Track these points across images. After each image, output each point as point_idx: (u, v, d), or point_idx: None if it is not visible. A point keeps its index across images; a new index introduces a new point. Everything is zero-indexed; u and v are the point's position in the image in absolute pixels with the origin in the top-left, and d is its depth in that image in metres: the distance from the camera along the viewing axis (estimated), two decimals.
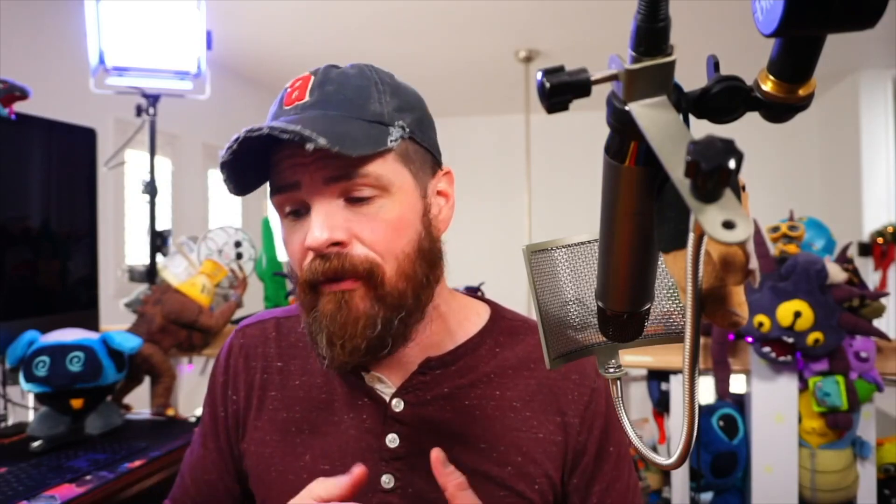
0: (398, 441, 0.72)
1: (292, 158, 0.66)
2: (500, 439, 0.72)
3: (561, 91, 0.34)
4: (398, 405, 0.73)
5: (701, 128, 0.35)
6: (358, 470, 0.61)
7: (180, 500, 0.84)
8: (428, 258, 0.70)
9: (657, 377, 1.70)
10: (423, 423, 0.72)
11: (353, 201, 0.66)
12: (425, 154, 0.72)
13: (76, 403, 1.35)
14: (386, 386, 0.74)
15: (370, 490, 0.71)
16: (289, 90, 0.70)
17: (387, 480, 0.71)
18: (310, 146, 0.59)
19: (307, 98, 0.68)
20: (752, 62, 0.45)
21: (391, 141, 0.67)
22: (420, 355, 0.74)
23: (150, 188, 1.90)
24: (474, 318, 0.79)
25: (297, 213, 0.68)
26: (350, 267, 0.65)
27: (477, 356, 0.75)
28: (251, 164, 0.68)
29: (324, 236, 0.64)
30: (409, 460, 0.71)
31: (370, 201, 0.66)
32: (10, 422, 1.52)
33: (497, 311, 0.80)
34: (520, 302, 4.00)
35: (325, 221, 0.65)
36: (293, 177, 0.66)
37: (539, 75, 0.35)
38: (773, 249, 1.61)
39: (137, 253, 3.45)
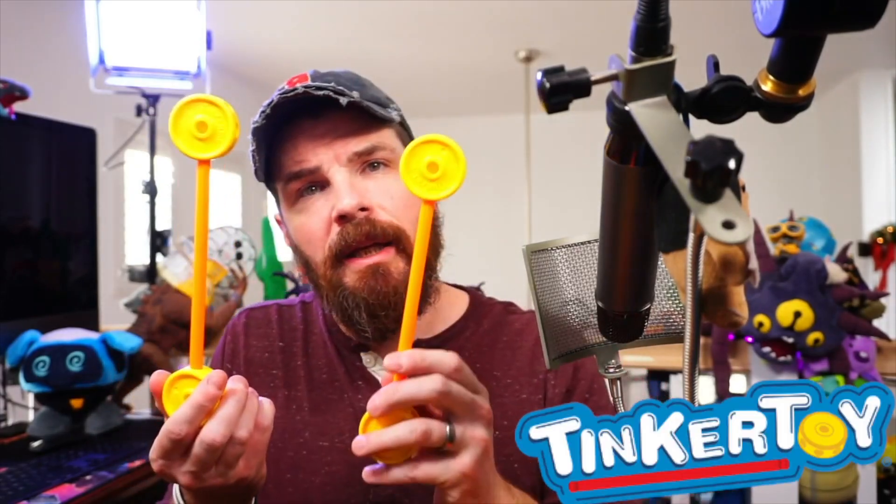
0: None
1: (311, 140, 0.70)
2: None
3: (561, 91, 0.34)
4: None
5: (701, 128, 0.35)
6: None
7: None
8: (434, 227, 0.75)
9: (657, 377, 1.70)
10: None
11: (371, 169, 0.72)
12: (412, 140, 0.77)
13: (76, 403, 1.35)
14: (381, 367, 0.77)
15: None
16: (286, 85, 0.71)
17: None
18: (343, 100, 0.67)
19: (311, 83, 0.70)
20: (752, 62, 0.45)
21: (394, 115, 0.73)
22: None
23: (150, 188, 1.90)
24: (457, 304, 0.83)
25: (311, 189, 0.72)
26: (381, 231, 0.69)
27: (462, 338, 0.79)
28: (263, 145, 0.72)
29: (354, 200, 0.68)
30: None
31: (385, 172, 0.72)
32: (10, 422, 1.52)
33: (475, 298, 0.84)
34: (520, 302, 3.98)
35: (352, 189, 0.69)
36: (314, 160, 0.70)
37: (539, 75, 0.35)
38: (773, 249, 1.61)
39: (137, 253, 3.45)
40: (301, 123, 0.71)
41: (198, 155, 0.54)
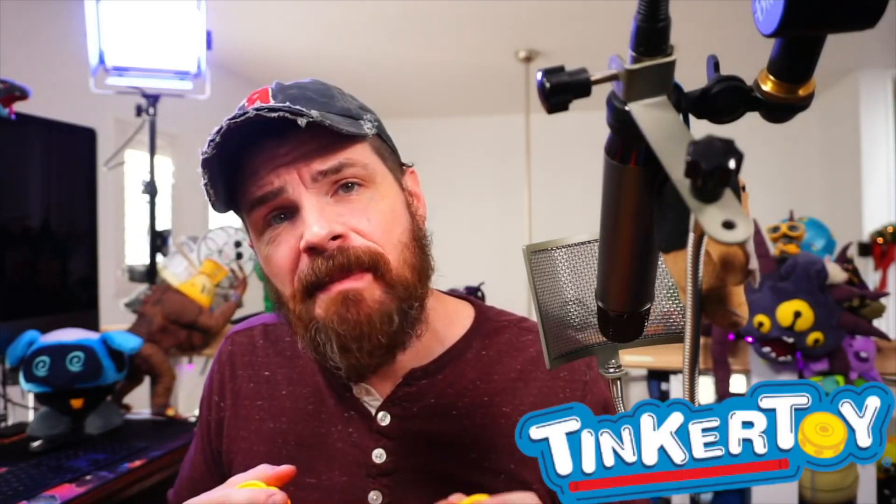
0: (385, 456, 0.69)
1: (273, 161, 0.63)
2: (492, 447, 0.68)
3: (561, 91, 0.34)
4: (384, 419, 0.70)
5: (701, 128, 0.35)
6: (285, 468, 0.58)
7: (178, 493, 0.85)
8: (422, 248, 0.68)
9: (657, 377, 1.70)
10: (411, 437, 0.69)
11: (344, 191, 0.64)
12: (392, 152, 0.71)
13: (76, 403, 1.35)
14: (373, 398, 0.71)
15: None
16: (246, 102, 0.66)
17: (374, 497, 0.68)
18: (302, 121, 0.58)
19: (272, 102, 0.63)
20: (752, 62, 0.45)
21: (367, 129, 0.66)
22: (408, 363, 0.71)
23: (150, 188, 1.90)
24: (459, 320, 0.75)
25: (279, 217, 0.65)
26: (355, 259, 0.62)
27: (463, 361, 0.72)
28: (222, 174, 0.64)
29: (323, 231, 0.61)
30: (396, 476, 0.68)
31: (359, 192, 0.64)
32: (10, 422, 1.52)
33: (481, 312, 0.77)
34: (520, 302, 4.00)
35: (321, 216, 0.62)
36: (277, 182, 0.63)
37: (539, 75, 0.35)
38: (773, 249, 1.61)
39: (137, 253, 3.45)
40: (263, 145, 0.63)
41: None
